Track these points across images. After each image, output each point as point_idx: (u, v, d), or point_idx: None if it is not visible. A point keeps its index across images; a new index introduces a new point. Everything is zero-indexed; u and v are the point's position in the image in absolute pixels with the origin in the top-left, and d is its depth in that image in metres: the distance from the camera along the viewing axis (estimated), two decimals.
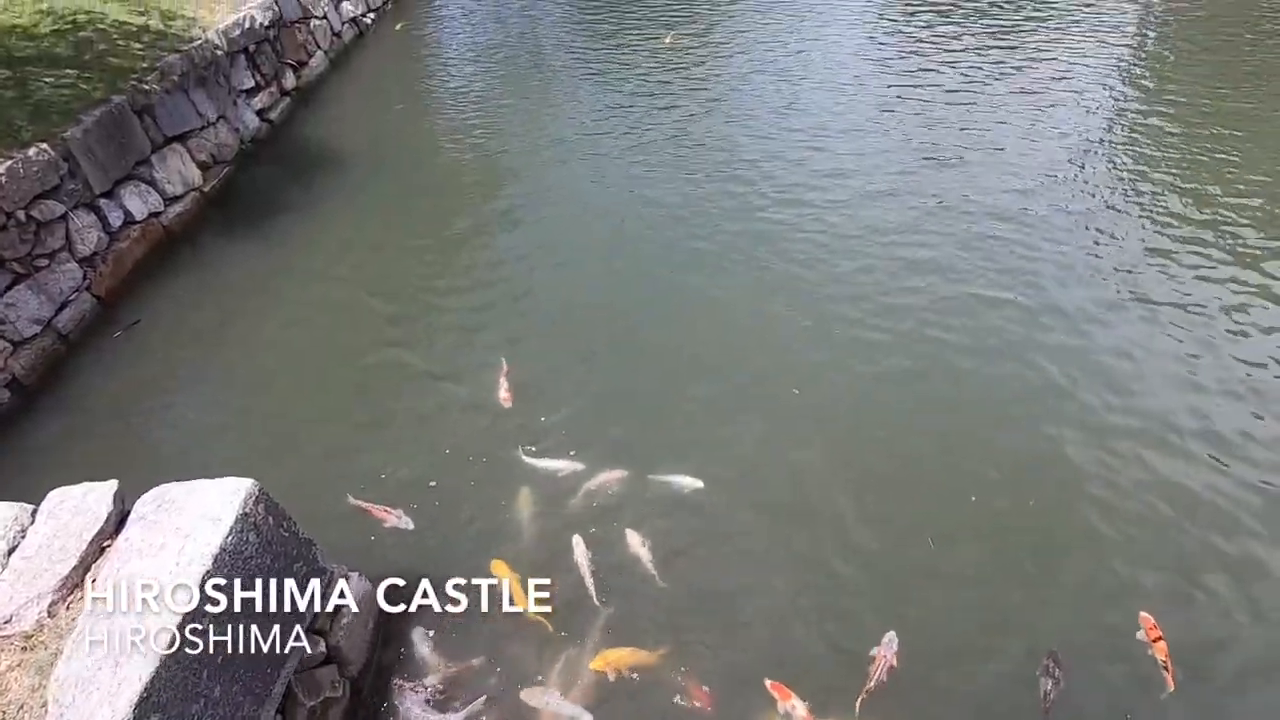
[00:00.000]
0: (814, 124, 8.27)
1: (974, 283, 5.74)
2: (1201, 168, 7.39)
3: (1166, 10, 12.65)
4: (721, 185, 7.07)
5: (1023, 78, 9.48)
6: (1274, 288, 5.62)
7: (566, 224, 6.57)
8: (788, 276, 5.82)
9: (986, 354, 5.11)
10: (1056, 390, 4.80)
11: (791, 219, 6.49)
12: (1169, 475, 4.20)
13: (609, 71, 9.48)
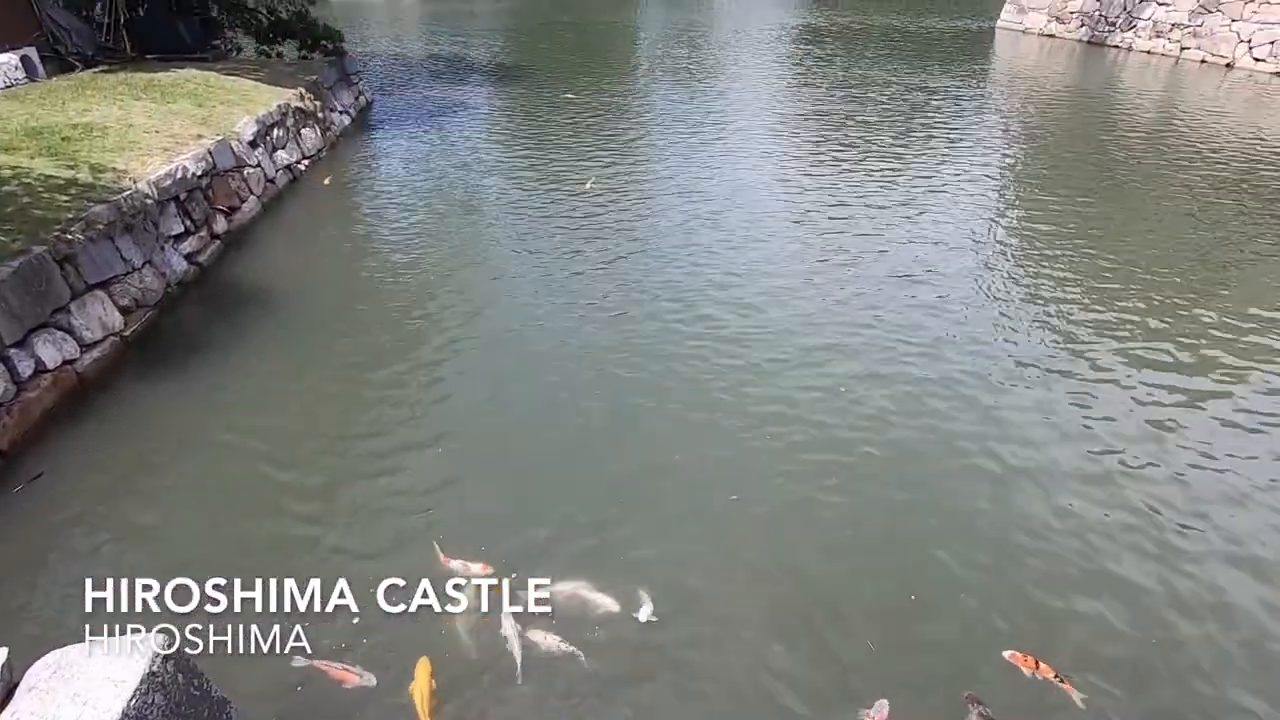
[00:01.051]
0: (730, 250, 8.97)
1: (887, 371, 6.25)
2: (1057, 254, 8.50)
3: (1024, 130, 14.70)
4: (647, 311, 7.45)
5: (907, 190, 10.75)
6: (1123, 353, 6.24)
7: (497, 363, 6.64)
8: (718, 390, 6.10)
9: (914, 440, 5.40)
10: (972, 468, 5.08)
11: (722, 346, 6.87)
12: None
13: (536, 215, 9.98)
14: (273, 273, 8.47)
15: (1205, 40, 23.73)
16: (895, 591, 4.24)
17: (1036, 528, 4.70)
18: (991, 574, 4.37)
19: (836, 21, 35.95)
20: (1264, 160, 12.94)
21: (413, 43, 28.78)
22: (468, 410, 5.90)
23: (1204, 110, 17.37)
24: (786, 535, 4.63)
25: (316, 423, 5.75)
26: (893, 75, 20.88)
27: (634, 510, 4.85)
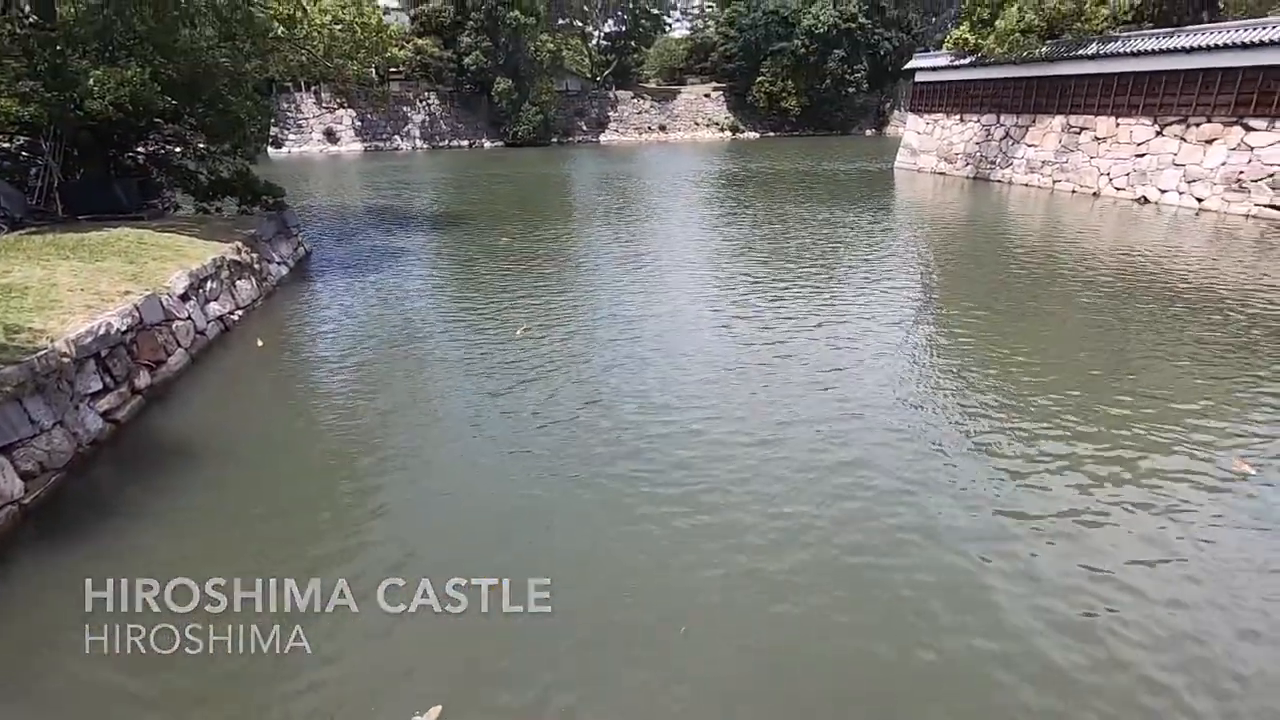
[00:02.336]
0: (661, 385, 9.12)
1: (822, 495, 6.17)
2: (964, 360, 8.83)
3: (929, 252, 15.95)
4: (582, 453, 7.39)
5: (831, 312, 11.30)
6: (1035, 463, 6.46)
7: (428, 533, 6.30)
8: (661, 524, 5.98)
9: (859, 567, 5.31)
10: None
11: (662, 477, 6.82)
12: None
13: (470, 362, 9.84)
14: (195, 428, 8.07)
15: (1072, 174, 27.08)
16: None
17: (957, 616, 4.62)
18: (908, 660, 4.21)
19: (750, 167, 39.52)
20: (1137, 270, 14.44)
21: (353, 194, 29.92)
22: (397, 574, 5.55)
23: (1080, 231, 19.60)
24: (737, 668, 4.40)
25: (222, 612, 5.16)
26: (808, 212, 22.77)
27: (584, 668, 4.54)
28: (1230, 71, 21.54)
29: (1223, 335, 10.52)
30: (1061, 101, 27.76)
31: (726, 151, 52.32)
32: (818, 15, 60.73)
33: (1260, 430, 7.50)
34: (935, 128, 35.07)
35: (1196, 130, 22.60)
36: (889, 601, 5.02)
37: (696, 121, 70.08)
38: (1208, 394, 8.46)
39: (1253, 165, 20.90)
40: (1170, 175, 23.29)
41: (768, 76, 65.05)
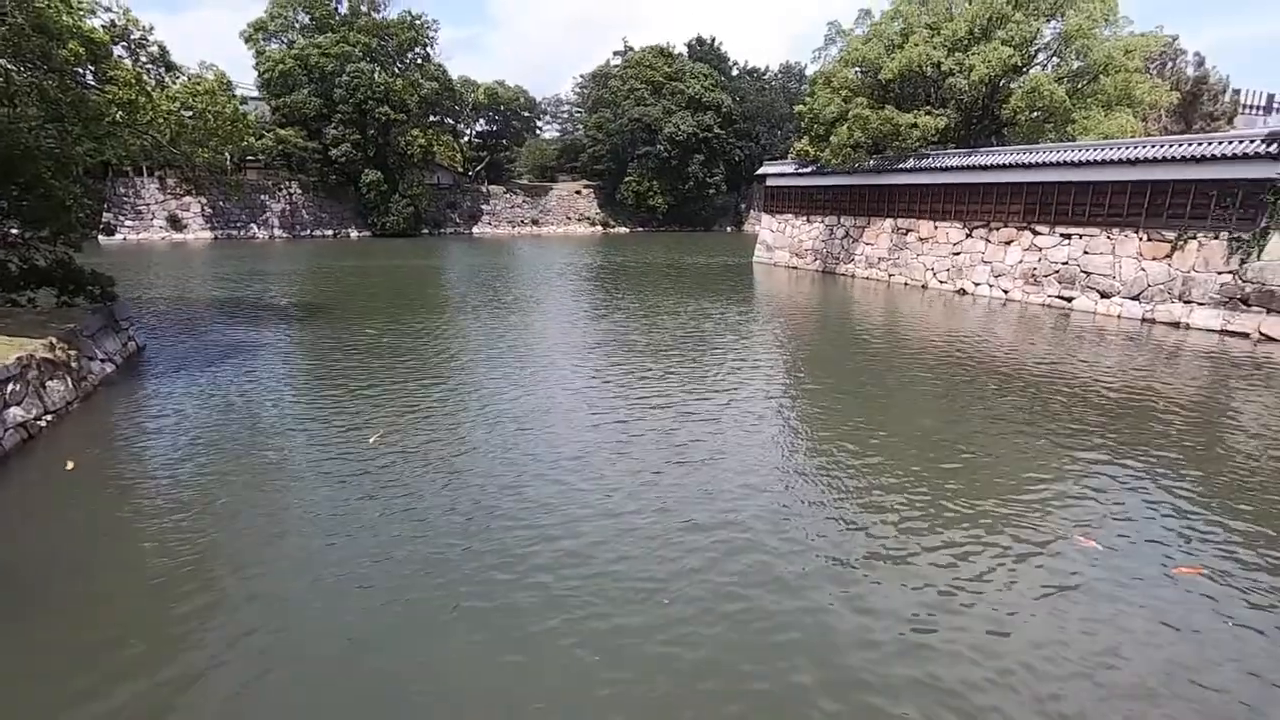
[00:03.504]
0: (535, 496, 8.88)
1: (695, 573, 6.15)
2: (825, 433, 9.37)
3: (788, 337, 17.08)
4: (441, 585, 6.97)
5: (701, 396, 11.66)
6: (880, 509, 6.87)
7: (276, 651, 5.71)
8: (539, 629, 5.66)
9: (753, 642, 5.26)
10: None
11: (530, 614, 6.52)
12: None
13: (323, 476, 8.83)
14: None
15: (904, 268, 30.50)
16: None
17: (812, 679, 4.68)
18: None
19: (622, 261, 41.16)
20: (961, 352, 16.29)
21: (199, 285, 27.75)
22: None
23: (913, 318, 21.99)
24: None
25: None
26: (678, 304, 23.86)
27: None
28: (1017, 186, 25.61)
29: (1032, 405, 11.95)
30: (890, 206, 31.58)
31: (598, 245, 54.32)
32: (678, 125, 66.05)
33: (1071, 488, 8.46)
34: (786, 226, 38.52)
35: (997, 233, 26.42)
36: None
37: (569, 216, 72.57)
38: (1023, 452, 9.49)
39: (1042, 263, 24.60)
40: (981, 271, 26.87)
41: (635, 177, 69.16)
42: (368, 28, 57.73)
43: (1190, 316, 20.00)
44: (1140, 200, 21.74)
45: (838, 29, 35.75)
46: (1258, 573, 6.61)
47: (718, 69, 73.78)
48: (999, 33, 28.24)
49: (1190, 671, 5.22)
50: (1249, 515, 7.88)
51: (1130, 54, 28.18)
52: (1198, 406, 12.56)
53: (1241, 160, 19.21)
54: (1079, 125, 27.70)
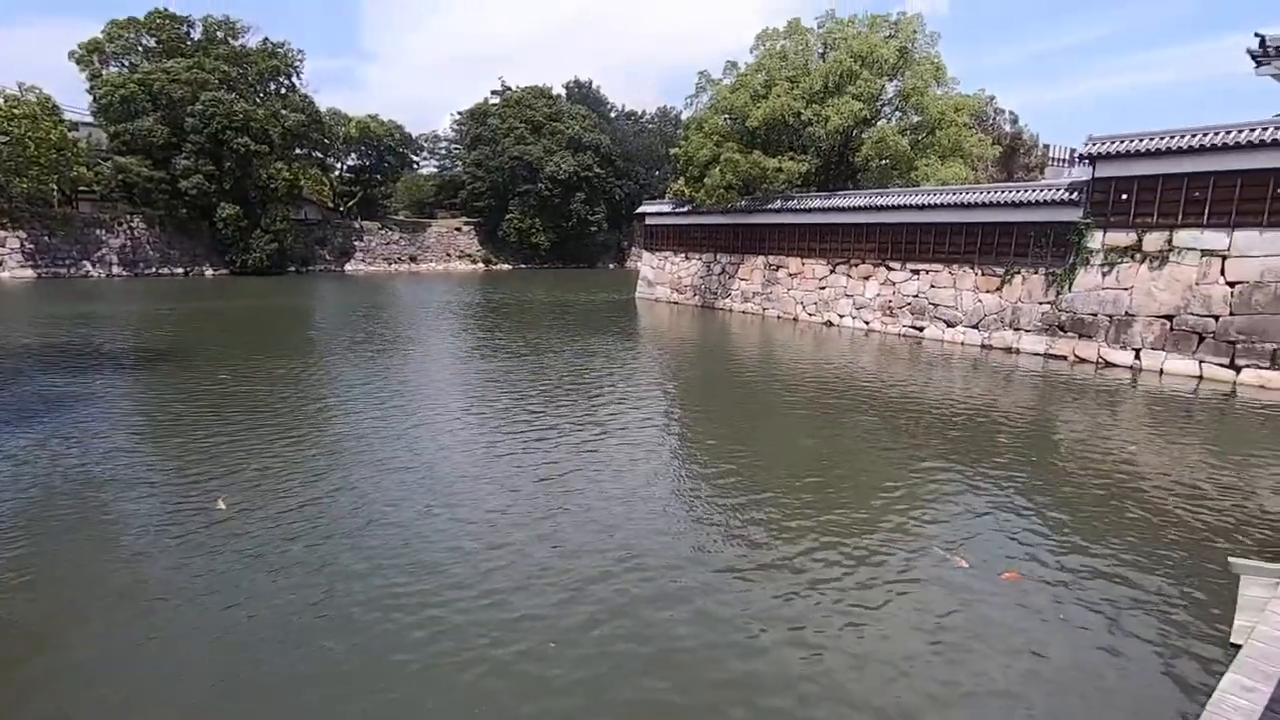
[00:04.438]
0: (409, 533, 8.43)
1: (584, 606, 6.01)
2: (706, 460, 9.60)
3: (671, 370, 17.42)
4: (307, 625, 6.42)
5: (587, 434, 11.57)
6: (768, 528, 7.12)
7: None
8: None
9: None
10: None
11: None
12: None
13: (155, 551, 7.85)
14: None
15: (776, 303, 32.20)
16: None
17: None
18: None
19: (505, 298, 40.65)
20: (831, 380, 17.34)
21: (15, 329, 24.33)
22: None
23: (786, 349, 23.20)
24: None
25: None
26: (562, 341, 23.77)
27: None
28: (872, 226, 27.93)
29: (892, 425, 12.88)
30: (762, 244, 33.37)
31: (480, 283, 53.37)
32: (559, 164, 66.83)
33: (925, 498, 9.13)
34: (666, 263, 39.68)
35: (857, 269, 28.57)
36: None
37: (449, 253, 70.95)
38: (884, 466, 10.15)
39: (897, 296, 26.83)
40: (845, 304, 28.88)
41: (517, 214, 68.97)
42: (226, 55, 54.38)
43: (1020, 342, 22.46)
44: (974, 240, 24.35)
45: (708, 78, 37.80)
46: (1069, 576, 7.37)
47: (596, 111, 75.79)
48: (850, 88, 30.97)
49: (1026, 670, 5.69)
50: (1069, 524, 8.81)
51: (959, 111, 31.82)
52: (1027, 423, 14.03)
53: (1052, 206, 22.05)
54: (920, 172, 30.75)
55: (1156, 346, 19.16)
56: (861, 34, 31.92)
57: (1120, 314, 20.04)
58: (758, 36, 35.29)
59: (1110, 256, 20.41)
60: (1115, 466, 11.12)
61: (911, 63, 31.95)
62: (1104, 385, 17.78)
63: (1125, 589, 7.02)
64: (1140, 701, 5.32)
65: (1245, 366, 17.48)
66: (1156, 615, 6.53)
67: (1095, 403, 16.13)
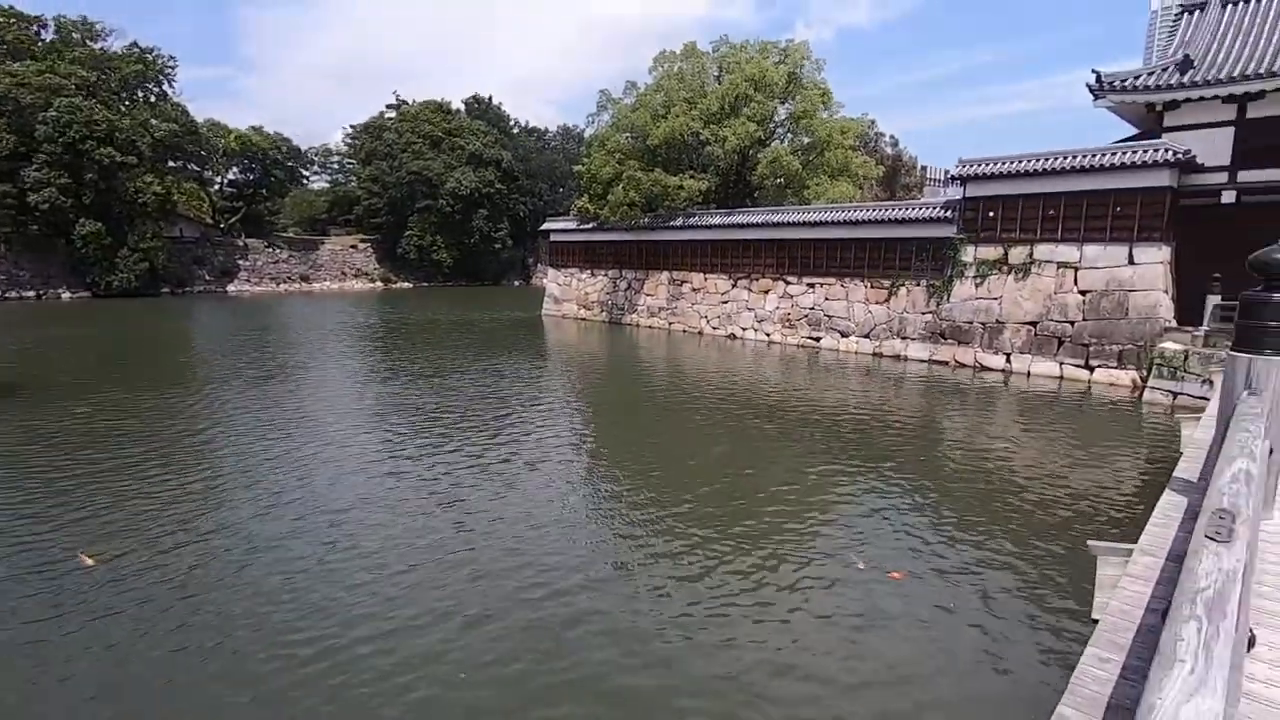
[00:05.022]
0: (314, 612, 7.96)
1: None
2: (620, 473, 9.64)
3: (582, 386, 17.34)
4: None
5: (498, 456, 11.32)
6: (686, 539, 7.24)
7: None
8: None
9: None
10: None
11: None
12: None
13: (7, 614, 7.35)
14: None
15: (681, 317, 32.83)
16: None
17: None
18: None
19: (407, 318, 39.25)
20: (736, 390, 17.85)
21: None
22: None
23: (691, 362, 23.66)
24: None
25: None
26: (468, 360, 23.19)
27: None
28: (770, 242, 29.09)
29: (793, 430, 13.40)
30: (666, 260, 33.99)
31: (380, 302, 51.28)
32: (460, 180, 65.49)
33: (825, 499, 9.55)
34: (572, 280, 39.65)
35: (757, 284, 29.63)
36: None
37: (344, 272, 67.81)
38: (795, 477, 10.54)
39: (794, 309, 28.03)
40: (747, 317, 29.85)
41: (417, 231, 66.89)
42: (84, 59, 49.83)
43: (907, 350, 23.97)
44: (863, 254, 25.86)
45: (608, 97, 38.33)
46: (953, 568, 7.92)
47: (497, 127, 75.01)
48: (745, 110, 32.28)
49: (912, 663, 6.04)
50: (953, 519, 9.46)
51: (845, 133, 33.81)
52: (915, 425, 14.98)
53: (930, 222, 23.77)
54: (812, 191, 32.38)
55: (1024, 350, 20.99)
56: (754, 59, 33.39)
57: (992, 321, 21.82)
58: (656, 59, 36.22)
59: (981, 269, 22.23)
60: (992, 463, 12.05)
61: (800, 87, 33.72)
62: (981, 388, 19.26)
63: (1004, 576, 7.60)
64: (1017, 678, 5.76)
65: (1098, 367, 19.44)
66: (1031, 598, 7.10)
67: (974, 404, 17.44)
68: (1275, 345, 3.93)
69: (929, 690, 5.59)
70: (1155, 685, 1.45)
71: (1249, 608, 2.96)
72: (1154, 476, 10.94)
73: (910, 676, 5.77)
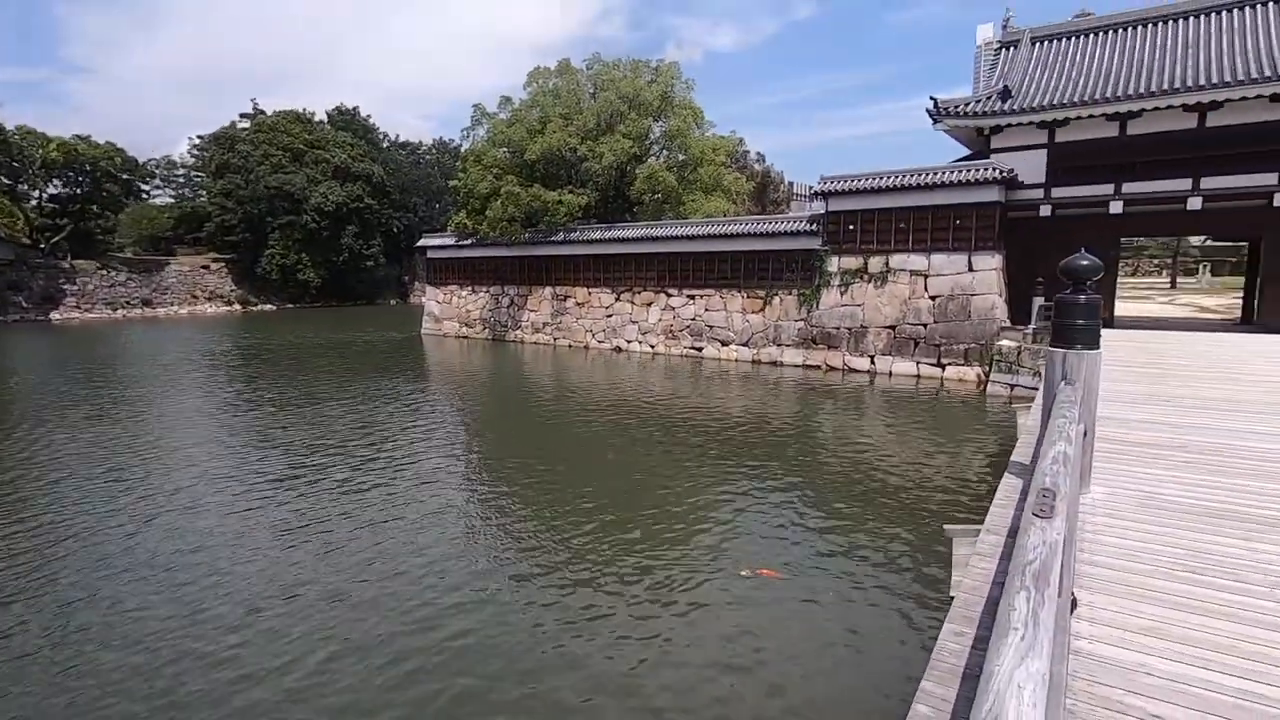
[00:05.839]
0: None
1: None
2: (505, 489, 9.46)
3: (465, 406, 16.81)
4: None
5: (383, 485, 10.73)
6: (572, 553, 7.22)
7: None
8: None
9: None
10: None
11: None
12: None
13: None
14: None
15: (566, 332, 32.74)
16: None
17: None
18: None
19: (257, 342, 36.43)
20: (624, 402, 18.02)
21: None
22: None
23: (578, 376, 23.64)
24: None
25: None
26: (342, 386, 21.84)
27: None
28: (651, 256, 29.70)
29: (680, 437, 13.71)
30: (549, 275, 33.81)
31: (238, 326, 47.27)
32: (325, 194, 61.88)
33: (712, 503, 9.82)
34: (453, 297, 38.50)
35: (640, 296, 30.13)
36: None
37: (195, 295, 61.98)
38: (680, 483, 10.76)
39: (676, 320, 28.75)
40: (631, 330, 30.25)
41: (279, 249, 62.39)
42: None
43: (783, 356, 25.24)
44: (739, 266, 27.01)
45: (483, 111, 37.76)
46: (828, 561, 8.40)
47: (365, 139, 71.73)
48: (620, 127, 32.88)
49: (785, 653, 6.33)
50: (826, 514, 10.03)
51: (717, 151, 35.28)
52: (790, 426, 15.78)
53: (798, 235, 25.23)
54: (688, 206, 33.46)
55: (885, 352, 22.70)
56: (627, 77, 34.14)
57: (857, 326, 23.44)
58: (530, 74, 36.15)
59: (845, 278, 23.85)
60: (861, 458, 12.90)
61: (673, 106, 34.84)
62: (850, 388, 20.61)
63: (875, 564, 8.13)
64: (887, 656, 6.17)
65: (948, 364, 21.38)
66: (900, 582, 7.64)
67: (843, 404, 18.63)
68: (1084, 340, 4.49)
69: (805, 677, 5.86)
70: (994, 653, 1.59)
71: (1072, 574, 3.34)
72: (998, 461, 12.15)
73: (786, 663, 6.02)
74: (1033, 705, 1.42)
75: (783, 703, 5.57)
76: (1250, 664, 2.85)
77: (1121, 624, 3.18)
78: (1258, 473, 5.38)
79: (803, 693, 5.71)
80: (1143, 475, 5.35)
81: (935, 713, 2.54)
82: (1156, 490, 5.01)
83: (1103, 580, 3.62)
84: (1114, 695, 2.67)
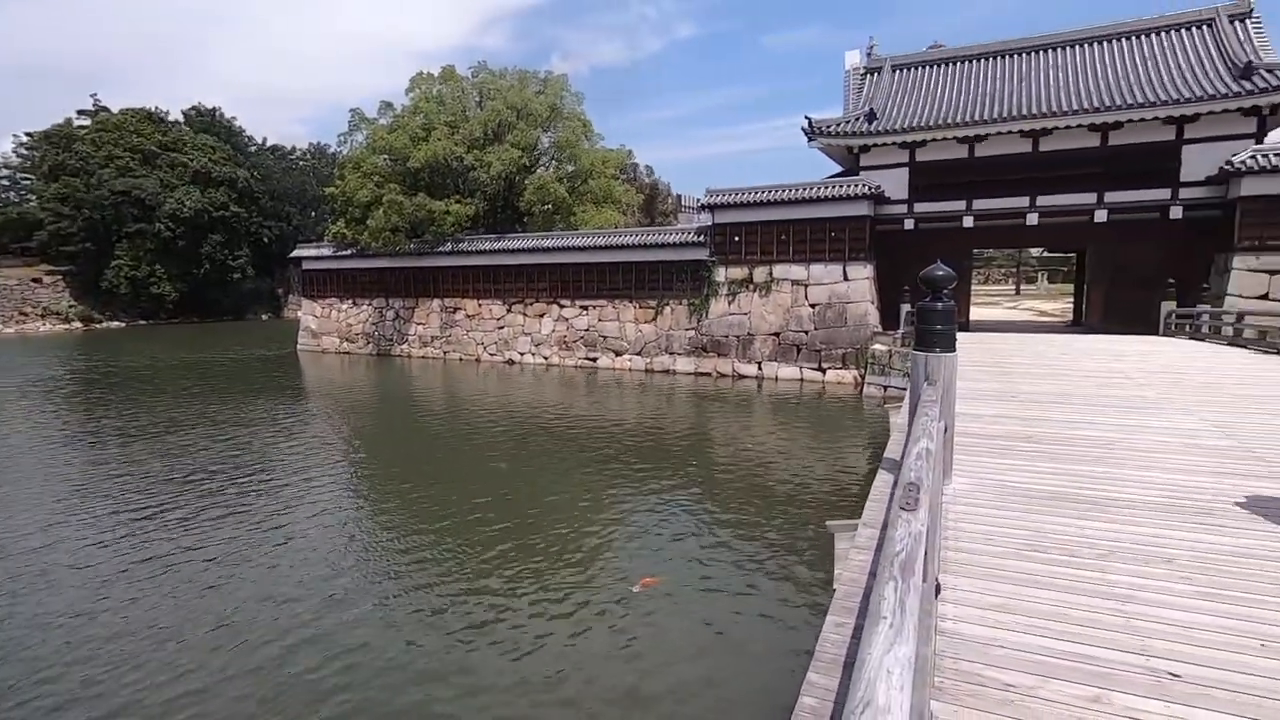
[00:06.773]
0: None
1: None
2: (395, 507, 9.09)
3: (349, 428, 15.90)
4: None
5: (264, 515, 9.92)
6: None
7: None
8: None
9: None
10: None
11: None
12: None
13: None
14: None
15: (456, 345, 31.80)
16: None
17: None
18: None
19: (97, 365, 32.85)
20: (516, 413, 17.72)
21: None
22: None
23: (469, 389, 23.03)
24: None
25: None
26: (207, 410, 20.01)
27: None
28: (543, 267, 29.47)
29: (574, 449, 13.66)
30: (437, 287, 32.73)
31: (79, 347, 42.22)
32: (182, 200, 56.78)
33: (603, 515, 9.86)
34: (332, 311, 36.40)
35: (533, 308, 29.81)
36: None
37: (24, 312, 54.85)
38: (573, 493, 10.71)
39: (570, 331, 28.67)
40: (524, 341, 29.84)
41: (128, 259, 56.46)
42: None
43: (675, 364, 25.77)
44: (630, 277, 27.34)
45: (361, 116, 36.14)
46: (716, 565, 8.66)
47: (229, 142, 66.55)
48: (509, 137, 32.50)
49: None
50: (716, 518, 10.33)
51: (607, 163, 35.65)
52: (683, 432, 16.13)
53: (687, 246, 25.91)
54: (579, 217, 33.56)
55: (771, 358, 23.72)
56: (514, 87, 33.84)
57: (744, 334, 24.35)
58: (413, 79, 35.04)
59: (732, 287, 24.74)
60: (749, 461, 13.38)
61: (562, 117, 34.88)
62: (739, 393, 21.35)
63: (764, 563, 8.44)
64: (775, 649, 6.42)
65: (828, 368, 22.64)
66: (789, 580, 7.97)
67: (733, 409, 19.26)
68: (943, 344, 4.91)
69: (700, 675, 5.98)
70: (867, 641, 1.70)
71: (937, 561, 3.62)
72: (877, 457, 12.99)
73: (679, 663, 6.13)
74: (900, 688, 1.52)
75: (674, 708, 5.65)
76: (1080, 629, 3.20)
77: (978, 603, 3.48)
78: (1088, 458, 6.07)
79: (695, 684, 5.81)
80: (995, 466, 5.90)
81: (820, 703, 2.66)
82: (1007, 479, 5.53)
83: (963, 564, 3.95)
84: (973, 669, 2.91)
